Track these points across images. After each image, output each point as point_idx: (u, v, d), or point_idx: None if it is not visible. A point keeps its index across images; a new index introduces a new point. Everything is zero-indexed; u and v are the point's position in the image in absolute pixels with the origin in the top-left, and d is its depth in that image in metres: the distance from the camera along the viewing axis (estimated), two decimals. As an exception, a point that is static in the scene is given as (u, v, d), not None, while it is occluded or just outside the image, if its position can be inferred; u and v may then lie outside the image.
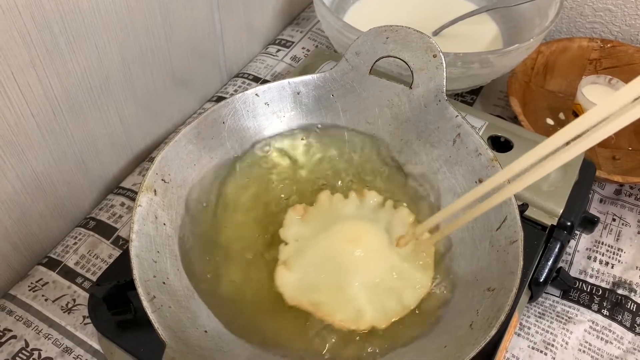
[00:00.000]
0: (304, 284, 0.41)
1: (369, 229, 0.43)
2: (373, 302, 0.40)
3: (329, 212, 0.45)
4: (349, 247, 0.41)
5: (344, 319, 0.39)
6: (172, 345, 0.32)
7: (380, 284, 0.40)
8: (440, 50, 0.44)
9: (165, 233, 0.40)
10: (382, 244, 0.42)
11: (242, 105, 0.47)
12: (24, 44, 0.43)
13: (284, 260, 0.42)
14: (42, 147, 0.49)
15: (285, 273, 0.41)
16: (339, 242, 0.41)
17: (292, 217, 0.45)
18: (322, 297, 0.40)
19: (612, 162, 0.62)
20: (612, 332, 0.50)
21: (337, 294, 0.40)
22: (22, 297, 0.50)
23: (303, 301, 0.40)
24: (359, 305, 0.39)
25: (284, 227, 0.45)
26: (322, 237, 0.42)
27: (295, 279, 0.41)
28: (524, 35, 0.66)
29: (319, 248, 0.42)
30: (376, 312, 0.39)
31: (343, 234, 0.42)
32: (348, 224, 0.43)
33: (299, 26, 0.80)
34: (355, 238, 0.41)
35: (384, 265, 0.41)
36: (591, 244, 0.56)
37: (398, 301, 0.40)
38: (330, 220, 0.44)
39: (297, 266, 0.42)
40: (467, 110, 0.58)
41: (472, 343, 0.34)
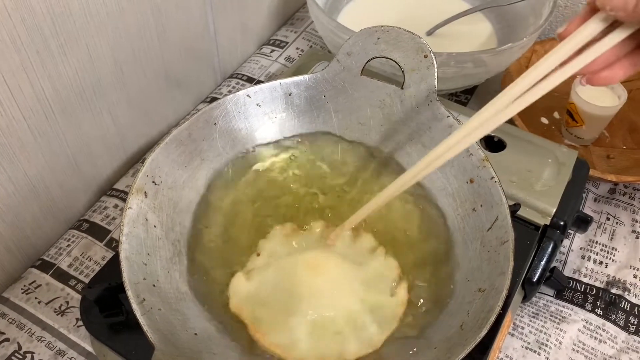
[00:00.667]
0: (253, 297, 0.40)
1: (338, 265, 0.41)
2: (311, 338, 0.38)
3: (314, 241, 0.44)
4: (309, 277, 0.40)
5: (274, 343, 0.38)
6: (162, 347, 0.32)
7: (329, 324, 0.39)
8: (432, 51, 0.44)
9: (156, 235, 0.40)
10: (348, 285, 0.40)
11: (234, 106, 0.46)
12: (14, 47, 0.42)
13: (249, 269, 0.42)
14: (35, 149, 0.49)
15: (242, 281, 0.41)
16: (301, 269, 0.40)
17: (277, 232, 0.45)
18: (265, 315, 0.39)
19: (606, 161, 0.62)
20: (606, 332, 0.50)
21: (281, 317, 0.39)
22: (15, 300, 0.50)
23: (245, 312, 0.40)
24: (296, 336, 0.38)
25: (266, 239, 0.44)
26: (293, 259, 0.41)
27: (248, 290, 0.41)
28: (518, 34, 0.66)
29: (284, 268, 0.41)
30: (309, 350, 0.38)
31: (308, 261, 0.41)
32: (317, 253, 0.42)
33: (293, 26, 0.80)
34: (318, 269, 0.40)
35: (341, 306, 0.39)
36: (585, 243, 0.56)
37: (338, 349, 0.38)
38: (312, 246, 0.43)
39: (257, 279, 0.41)
40: (461, 109, 0.58)
41: (462, 344, 0.34)
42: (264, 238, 0.44)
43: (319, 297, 0.39)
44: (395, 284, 0.42)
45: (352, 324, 0.39)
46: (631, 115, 0.65)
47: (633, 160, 0.61)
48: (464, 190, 0.43)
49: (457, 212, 0.43)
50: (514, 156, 0.53)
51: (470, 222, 0.42)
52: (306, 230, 0.45)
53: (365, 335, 0.39)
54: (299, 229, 0.45)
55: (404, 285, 0.42)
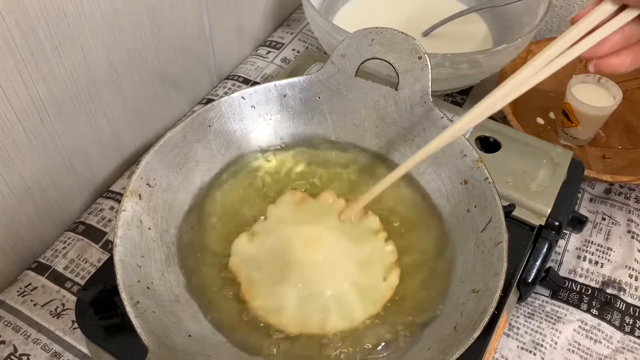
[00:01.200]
0: (252, 260, 0.42)
1: (334, 241, 0.42)
2: (297, 307, 0.39)
3: (322, 213, 0.45)
4: (306, 250, 0.41)
5: (261, 306, 0.40)
6: (155, 350, 0.32)
7: (315, 298, 0.40)
8: (425, 52, 0.44)
9: (150, 237, 0.40)
10: (343, 264, 0.41)
11: (229, 108, 0.47)
12: (8, 49, 0.42)
13: (253, 231, 0.44)
14: (30, 152, 0.49)
15: (244, 242, 0.43)
16: (299, 241, 0.41)
17: (287, 198, 0.46)
18: (258, 278, 0.41)
19: (602, 161, 0.62)
20: (602, 332, 0.50)
21: (272, 283, 0.40)
22: (10, 302, 0.50)
23: (242, 273, 0.41)
24: (283, 303, 0.39)
25: (275, 205, 0.46)
26: (294, 230, 0.42)
27: (248, 252, 0.42)
28: (514, 35, 0.67)
29: (283, 238, 0.42)
30: (293, 317, 0.39)
31: (307, 234, 0.42)
32: (317, 227, 0.43)
33: (289, 27, 0.80)
34: (314, 243, 0.41)
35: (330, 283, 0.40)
36: (581, 244, 0.56)
37: (320, 321, 0.39)
38: (317, 219, 0.44)
39: (258, 243, 0.43)
40: (457, 110, 0.58)
41: (456, 345, 0.34)
42: (273, 203, 0.46)
43: (312, 272, 0.40)
44: (389, 269, 0.43)
45: (339, 300, 0.40)
46: (627, 115, 0.65)
47: (629, 160, 0.62)
48: (458, 191, 0.43)
49: (451, 212, 0.43)
50: (509, 157, 0.53)
51: (464, 223, 0.42)
52: (316, 199, 0.46)
53: (348, 313, 0.40)
54: (309, 197, 0.46)
55: (397, 271, 0.42)
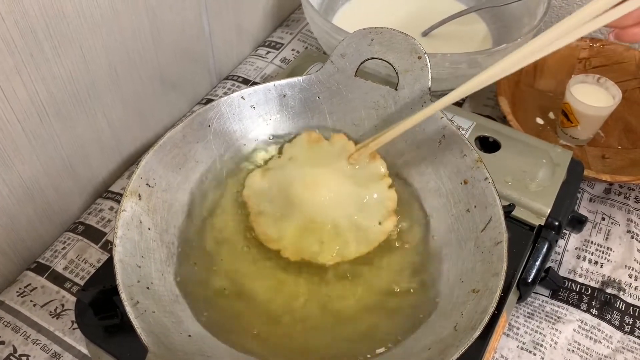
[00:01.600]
0: (263, 193, 0.45)
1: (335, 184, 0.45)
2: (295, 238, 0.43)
3: (333, 155, 0.47)
4: (307, 192, 0.44)
5: (264, 233, 0.43)
6: (155, 350, 0.32)
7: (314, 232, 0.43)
8: (425, 52, 0.44)
9: (150, 238, 0.40)
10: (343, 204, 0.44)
11: (228, 108, 0.47)
12: (7, 49, 0.42)
13: (267, 168, 0.47)
14: (29, 152, 0.49)
15: (257, 177, 0.46)
16: (302, 183, 0.44)
17: (302, 138, 0.48)
18: (266, 209, 0.44)
19: (601, 161, 0.62)
20: (601, 332, 0.50)
21: (277, 216, 0.44)
22: (10, 303, 0.50)
23: (252, 202, 0.45)
24: (284, 233, 0.43)
25: (291, 144, 0.48)
26: (301, 171, 0.45)
27: (261, 186, 0.45)
28: (513, 35, 0.67)
29: (291, 178, 0.45)
30: (289, 243, 0.43)
31: (309, 178, 0.45)
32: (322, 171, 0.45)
33: (288, 28, 0.80)
34: (315, 186, 0.44)
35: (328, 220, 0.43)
36: (581, 243, 0.56)
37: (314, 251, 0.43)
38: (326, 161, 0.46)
39: (269, 179, 0.45)
40: (456, 110, 0.58)
41: (456, 345, 0.34)
42: (289, 142, 0.48)
43: (314, 209, 0.43)
44: (386, 215, 0.44)
45: (334, 236, 0.43)
46: (626, 115, 0.65)
47: (628, 160, 0.62)
48: (458, 191, 0.43)
49: (450, 212, 0.43)
50: (509, 157, 0.53)
51: (464, 223, 0.42)
52: (329, 141, 0.48)
53: (341, 249, 0.43)
54: (323, 139, 0.48)
55: (394, 218, 0.45)
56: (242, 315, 0.40)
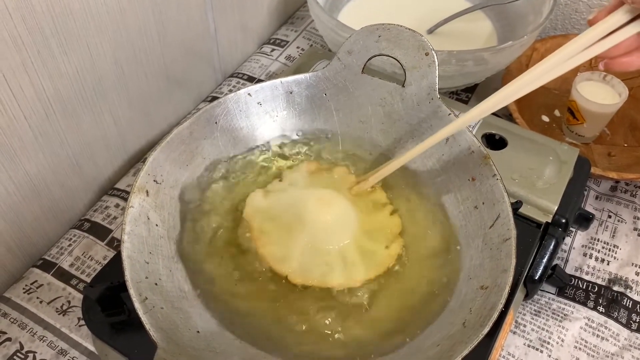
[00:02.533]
0: (265, 212, 0.44)
1: (345, 206, 0.44)
2: (302, 259, 0.41)
3: (332, 183, 0.47)
4: (318, 209, 0.43)
5: (269, 254, 0.42)
6: (164, 346, 0.32)
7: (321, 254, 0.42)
8: (433, 48, 0.44)
9: (158, 234, 0.40)
10: (350, 227, 0.43)
11: (235, 105, 0.46)
12: (15, 46, 0.42)
13: (268, 190, 0.46)
14: (35, 149, 0.49)
15: (259, 197, 0.45)
16: (313, 199, 0.43)
17: (303, 167, 0.48)
18: (270, 228, 0.43)
19: (607, 158, 0.62)
20: (608, 329, 0.50)
21: (282, 235, 0.42)
22: (16, 300, 0.50)
23: (255, 222, 0.43)
24: (290, 254, 0.42)
25: (291, 169, 0.47)
26: (305, 191, 0.45)
27: (262, 205, 0.44)
28: (519, 32, 0.66)
29: (298, 196, 0.44)
30: (297, 267, 0.41)
31: (321, 195, 0.44)
32: (331, 191, 0.45)
33: (293, 25, 0.80)
34: (327, 204, 0.43)
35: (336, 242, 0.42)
36: (587, 241, 0.56)
37: (322, 275, 0.41)
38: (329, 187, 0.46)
39: (272, 198, 0.44)
40: (462, 108, 0.58)
41: (465, 342, 0.34)
42: (290, 168, 0.48)
43: (321, 230, 0.42)
44: (392, 239, 0.44)
45: (342, 259, 0.42)
46: (632, 113, 0.65)
47: (634, 157, 0.61)
48: (466, 188, 0.43)
49: (458, 209, 0.43)
50: (515, 154, 0.53)
51: (472, 220, 0.42)
52: (328, 172, 0.48)
53: (349, 272, 0.42)
54: (323, 169, 0.48)
55: (400, 242, 0.44)
56: (250, 311, 0.40)
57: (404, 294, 0.41)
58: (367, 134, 0.48)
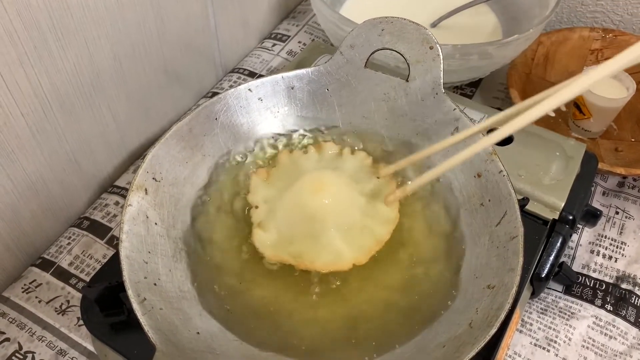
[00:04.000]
0: (281, 240, 0.42)
1: (332, 177, 0.43)
2: (349, 242, 0.41)
3: (291, 170, 0.46)
4: (317, 197, 0.41)
5: (325, 263, 0.40)
6: (163, 348, 0.31)
7: (352, 225, 0.41)
8: (437, 42, 0.43)
9: (157, 233, 0.39)
10: (347, 189, 0.43)
11: (235, 100, 0.46)
12: (10, 41, 0.42)
13: (258, 222, 0.43)
14: (33, 146, 0.48)
15: (262, 234, 0.42)
16: (306, 194, 0.42)
17: (256, 181, 0.45)
18: (300, 248, 0.41)
19: (614, 154, 0.61)
20: (616, 328, 0.49)
21: (314, 242, 0.41)
22: (15, 299, 0.49)
23: (284, 256, 0.41)
24: (337, 247, 0.40)
25: (251, 193, 0.45)
26: (289, 193, 0.43)
27: (273, 237, 0.42)
28: (524, 26, 0.65)
29: (289, 203, 0.42)
30: (354, 251, 0.40)
31: (308, 186, 0.42)
32: (310, 176, 0.43)
33: (295, 20, 0.79)
34: (321, 188, 0.42)
35: (352, 207, 0.42)
36: (594, 238, 0.55)
37: (372, 237, 0.41)
38: (293, 176, 0.44)
39: (272, 225, 0.42)
40: (466, 103, 0.57)
41: (471, 342, 0.33)
42: (248, 192, 0.45)
43: (334, 211, 0.41)
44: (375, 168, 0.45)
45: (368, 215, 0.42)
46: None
47: (642, 153, 0.60)
48: (471, 184, 0.42)
49: (464, 206, 0.42)
50: (521, 150, 0.52)
51: (478, 218, 0.41)
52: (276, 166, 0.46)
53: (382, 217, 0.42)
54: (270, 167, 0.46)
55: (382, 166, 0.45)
56: (251, 310, 0.39)
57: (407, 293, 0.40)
58: (370, 130, 0.47)
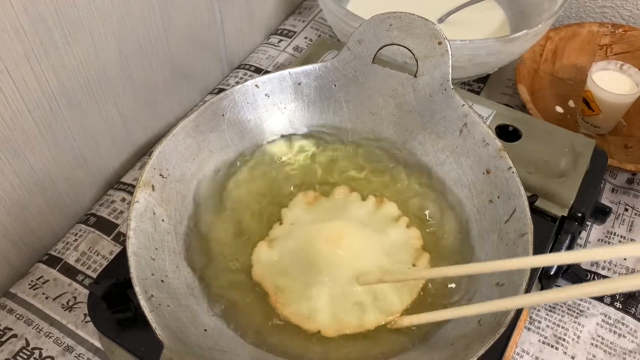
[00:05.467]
0: (275, 266, 0.40)
1: (359, 235, 0.40)
2: (330, 308, 0.38)
3: (337, 208, 0.44)
4: (329, 247, 0.39)
5: (294, 313, 0.38)
6: (170, 345, 0.31)
7: (348, 294, 0.38)
8: (446, 37, 0.42)
9: (164, 229, 0.39)
10: (369, 256, 0.39)
11: (242, 97, 0.45)
12: (17, 37, 0.41)
13: (271, 238, 0.42)
14: (40, 142, 0.48)
15: (264, 249, 0.41)
16: (321, 238, 0.39)
17: (299, 200, 0.45)
18: (285, 284, 0.39)
19: (624, 150, 0.60)
20: (625, 326, 0.48)
21: (301, 288, 0.39)
22: (22, 295, 0.49)
23: (267, 281, 0.40)
24: (316, 306, 0.38)
25: (288, 207, 0.44)
26: (312, 228, 0.41)
27: (270, 258, 0.41)
28: (532, 21, 0.65)
29: (304, 238, 0.40)
30: (328, 319, 0.38)
31: (328, 231, 0.40)
32: (338, 222, 0.41)
33: (301, 15, 0.78)
34: (338, 239, 0.39)
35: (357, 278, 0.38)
36: (603, 235, 0.55)
37: (357, 319, 0.38)
38: (333, 216, 0.42)
39: (279, 247, 0.41)
40: (474, 99, 0.56)
41: (480, 340, 0.33)
42: (286, 207, 0.44)
43: (340, 269, 0.38)
44: (416, 254, 0.41)
45: (372, 294, 0.38)
46: (649, 103, 0.64)
47: (651, 149, 0.60)
48: (480, 181, 0.42)
49: (473, 203, 0.42)
50: (530, 146, 0.51)
51: (487, 214, 0.40)
52: (329, 197, 0.45)
53: (384, 305, 0.38)
54: (321, 196, 0.45)
55: (426, 256, 0.41)
56: (258, 308, 0.39)
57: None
58: (377, 126, 0.47)
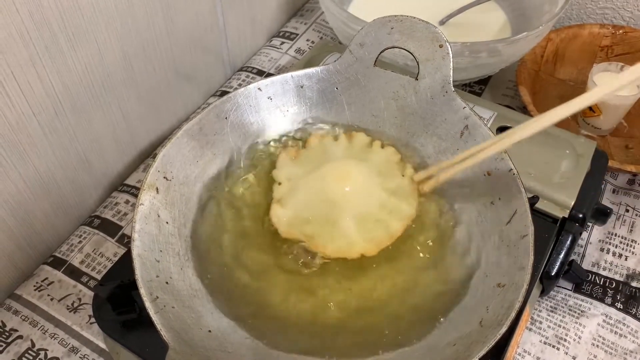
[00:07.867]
0: (297, 219, 0.43)
1: (357, 167, 0.44)
2: (362, 232, 0.42)
3: (320, 153, 0.47)
4: (339, 184, 0.43)
5: (335, 249, 0.41)
6: (176, 347, 0.32)
7: (368, 216, 0.42)
8: (447, 40, 0.43)
9: (168, 231, 0.39)
10: (370, 181, 0.44)
11: (245, 100, 0.46)
12: (22, 42, 0.42)
13: (278, 198, 0.44)
14: (45, 146, 0.48)
15: (279, 210, 0.43)
16: (330, 180, 0.43)
17: (284, 158, 0.47)
18: (314, 229, 0.42)
19: (624, 151, 0.61)
20: (627, 326, 0.49)
21: (328, 226, 0.42)
22: (27, 297, 0.50)
23: (296, 233, 0.42)
24: (349, 235, 0.42)
25: (277, 168, 0.46)
26: (314, 175, 0.44)
27: (289, 215, 0.43)
28: (533, 23, 0.65)
29: (311, 186, 0.44)
30: (365, 241, 0.42)
31: (333, 172, 0.44)
32: (338, 163, 0.45)
33: (303, 18, 0.79)
34: (345, 176, 0.43)
35: (371, 199, 0.43)
36: (604, 236, 0.55)
37: (385, 230, 0.42)
38: (321, 160, 0.45)
39: (291, 203, 0.43)
40: (476, 100, 0.57)
41: (482, 341, 0.33)
42: (275, 168, 0.46)
43: (354, 198, 0.43)
44: (401, 166, 0.46)
45: (386, 208, 0.43)
46: (650, 105, 0.64)
47: (652, 150, 0.60)
48: (481, 183, 0.42)
49: (474, 205, 0.42)
50: (531, 147, 0.52)
51: (488, 216, 0.41)
52: (306, 148, 0.47)
53: (399, 213, 0.43)
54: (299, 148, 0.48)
55: (409, 165, 0.46)
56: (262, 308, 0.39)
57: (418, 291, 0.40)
58: (379, 129, 0.47)
